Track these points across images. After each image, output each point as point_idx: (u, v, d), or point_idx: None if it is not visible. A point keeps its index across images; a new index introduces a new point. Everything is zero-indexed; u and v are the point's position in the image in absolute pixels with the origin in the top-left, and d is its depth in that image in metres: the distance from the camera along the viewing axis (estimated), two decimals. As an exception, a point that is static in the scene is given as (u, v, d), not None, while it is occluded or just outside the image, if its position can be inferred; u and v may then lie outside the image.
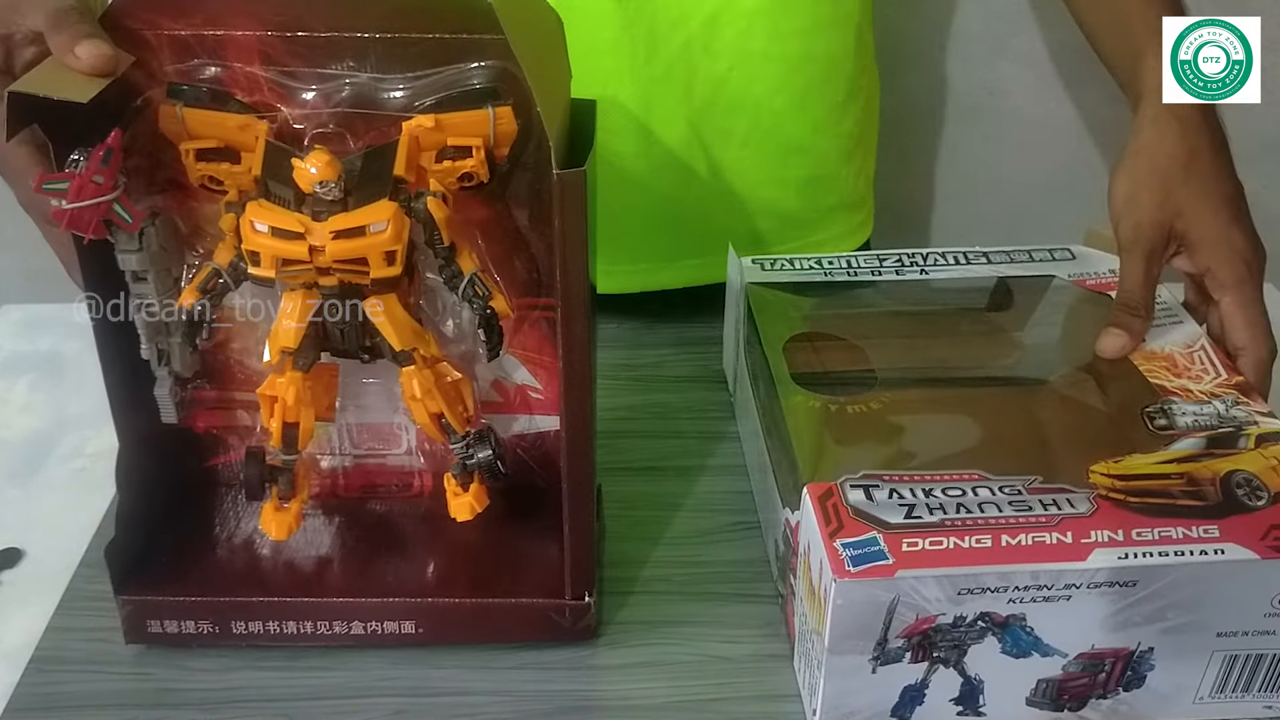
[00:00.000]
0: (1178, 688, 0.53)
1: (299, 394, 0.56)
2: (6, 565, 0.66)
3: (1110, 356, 0.63)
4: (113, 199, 0.51)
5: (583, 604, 0.58)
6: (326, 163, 0.50)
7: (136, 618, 0.58)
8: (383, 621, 0.58)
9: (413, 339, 0.55)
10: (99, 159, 0.50)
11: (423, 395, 0.56)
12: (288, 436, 0.57)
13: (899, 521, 0.51)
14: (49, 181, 0.50)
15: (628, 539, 0.66)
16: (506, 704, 0.57)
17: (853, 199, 0.90)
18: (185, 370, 0.58)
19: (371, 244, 0.51)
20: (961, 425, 0.59)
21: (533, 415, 0.63)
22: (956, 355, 0.67)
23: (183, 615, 0.58)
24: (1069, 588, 0.49)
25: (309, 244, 0.50)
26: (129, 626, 0.59)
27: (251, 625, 0.58)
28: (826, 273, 0.72)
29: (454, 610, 0.59)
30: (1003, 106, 1.29)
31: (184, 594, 0.58)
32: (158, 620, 0.58)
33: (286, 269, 0.52)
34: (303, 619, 0.58)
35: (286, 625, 0.58)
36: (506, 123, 0.53)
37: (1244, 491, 0.53)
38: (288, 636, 0.58)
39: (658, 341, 0.85)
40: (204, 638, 0.59)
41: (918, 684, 0.52)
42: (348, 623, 0.58)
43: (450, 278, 0.55)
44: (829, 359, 0.66)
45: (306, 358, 0.56)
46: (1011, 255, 0.73)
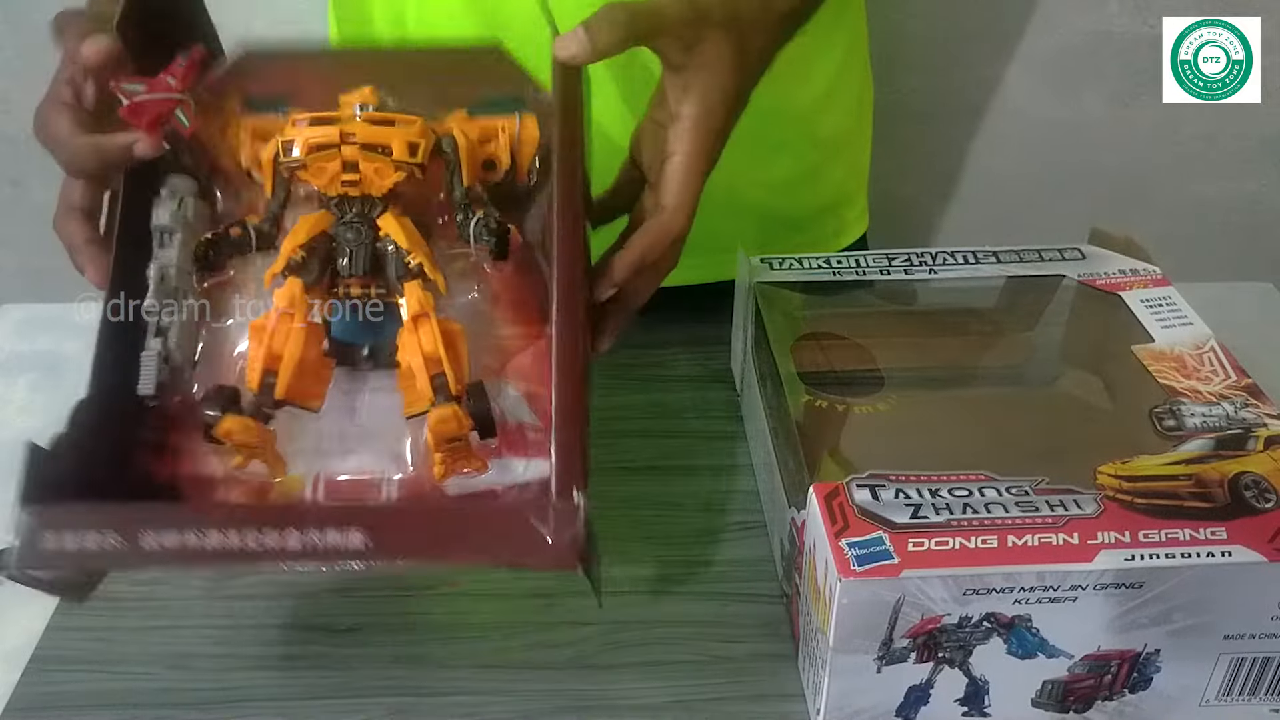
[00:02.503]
0: (1184, 690, 0.53)
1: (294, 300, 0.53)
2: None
3: (564, 57, 0.54)
4: (179, 99, 0.54)
5: (570, 505, 0.48)
6: (371, 90, 0.56)
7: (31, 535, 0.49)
8: (324, 529, 0.48)
9: (421, 252, 0.55)
10: (177, 63, 0.55)
11: (425, 308, 0.54)
12: (265, 381, 0.53)
13: (905, 521, 0.51)
14: (127, 82, 0.53)
15: (629, 539, 0.66)
16: (506, 704, 0.56)
17: (841, 197, 0.90)
18: (179, 353, 0.55)
19: (399, 132, 0.55)
20: (969, 426, 0.59)
21: (529, 458, 0.56)
22: (964, 355, 0.67)
23: (84, 525, 0.48)
24: (1075, 589, 0.49)
25: (340, 129, 0.54)
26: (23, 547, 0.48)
27: (165, 537, 0.48)
28: (835, 272, 0.72)
29: (410, 516, 0.51)
30: (1003, 106, 1.30)
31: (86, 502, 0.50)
32: (55, 532, 0.48)
33: (316, 154, 0.54)
34: (226, 528, 0.48)
35: (207, 536, 0.48)
36: (530, 129, 0.57)
37: (1252, 493, 0.53)
38: (208, 554, 0.48)
39: (664, 341, 0.85)
40: (106, 555, 0.48)
41: (923, 684, 0.52)
42: (281, 531, 0.48)
43: (464, 219, 0.56)
44: (836, 359, 0.65)
45: (311, 272, 0.55)
46: (1021, 255, 0.73)
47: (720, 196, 0.83)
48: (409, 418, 0.54)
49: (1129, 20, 1.23)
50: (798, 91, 0.82)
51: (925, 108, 1.29)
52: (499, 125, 0.58)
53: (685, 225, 0.56)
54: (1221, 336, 0.64)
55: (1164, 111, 1.27)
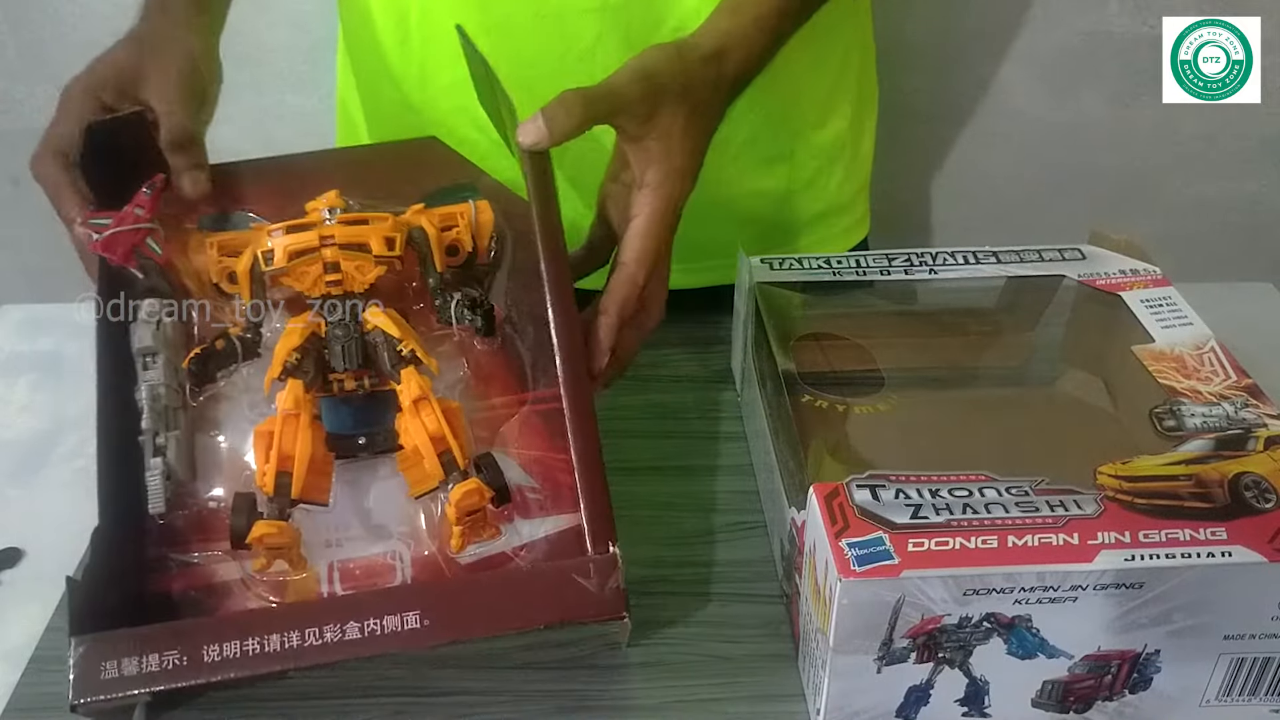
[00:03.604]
0: (1184, 690, 0.53)
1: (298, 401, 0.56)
2: (6, 565, 0.65)
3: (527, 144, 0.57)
4: (148, 229, 0.58)
5: (608, 556, 0.53)
6: (335, 194, 0.61)
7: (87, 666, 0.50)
8: (382, 618, 0.51)
9: (411, 339, 0.57)
10: (142, 194, 0.59)
11: (425, 392, 0.57)
12: (280, 483, 0.55)
13: (905, 521, 0.51)
14: (94, 217, 0.58)
15: (629, 539, 0.66)
16: (506, 704, 0.56)
17: (839, 203, 0.90)
18: (180, 470, 0.57)
19: (374, 229, 0.59)
20: (969, 426, 0.59)
21: (530, 518, 0.58)
22: (965, 356, 0.67)
23: (143, 649, 0.50)
24: (1075, 589, 0.49)
25: (319, 233, 0.58)
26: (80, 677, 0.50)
27: (227, 648, 0.50)
28: (835, 272, 0.72)
29: (464, 593, 0.54)
30: (1003, 107, 1.30)
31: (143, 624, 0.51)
32: (114, 661, 0.49)
33: (297, 260, 0.58)
34: (288, 629, 0.51)
35: (269, 641, 0.50)
36: (485, 213, 0.62)
37: (1252, 494, 0.53)
38: (271, 655, 0.50)
39: (664, 341, 0.84)
40: (169, 674, 0.50)
41: (923, 684, 0.52)
42: (341, 625, 0.51)
43: (443, 303, 0.60)
44: (837, 359, 0.65)
45: (307, 372, 0.57)
46: (1021, 255, 0.73)
47: (719, 204, 0.83)
48: (417, 497, 0.57)
49: (1129, 20, 1.23)
50: (796, 101, 0.82)
51: (925, 108, 1.29)
52: (457, 212, 0.62)
53: (647, 278, 0.60)
54: (1221, 336, 0.64)
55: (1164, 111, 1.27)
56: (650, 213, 0.59)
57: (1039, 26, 1.24)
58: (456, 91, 0.79)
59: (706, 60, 0.61)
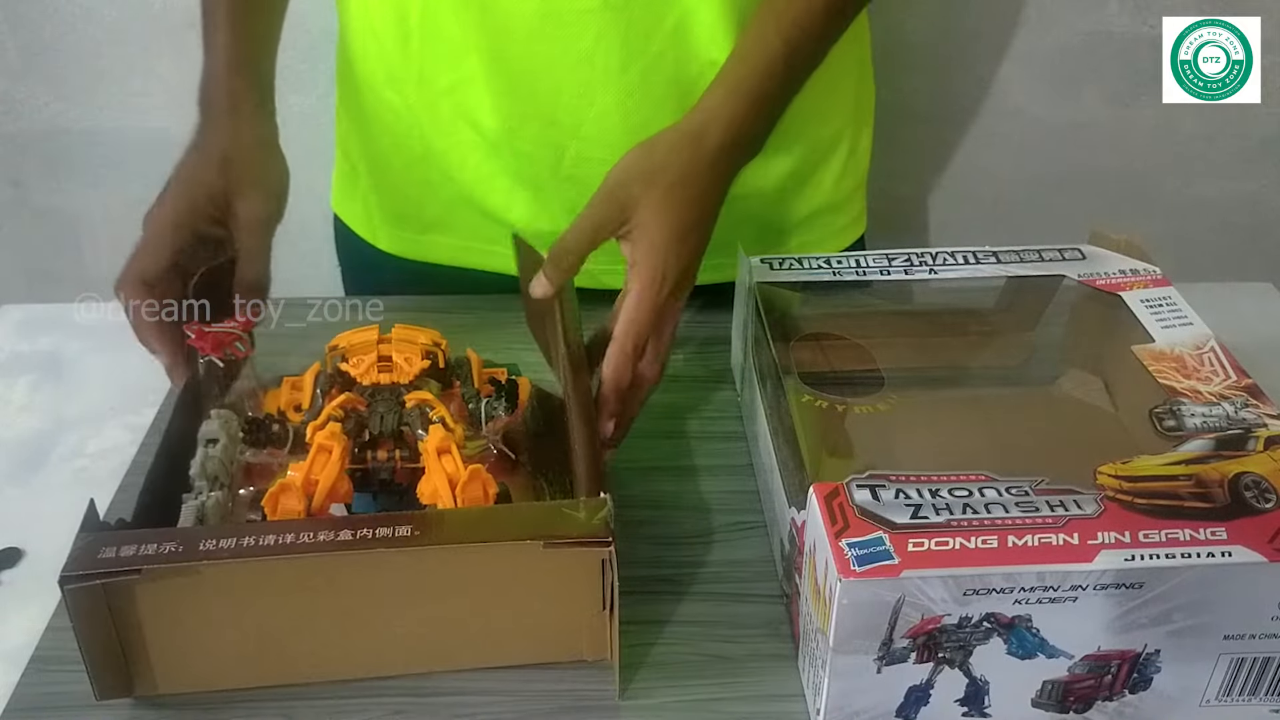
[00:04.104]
0: (1184, 690, 0.53)
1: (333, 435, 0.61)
2: (6, 565, 0.65)
3: (537, 296, 0.66)
4: (239, 334, 0.66)
5: (598, 498, 0.55)
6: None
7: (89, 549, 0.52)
8: (375, 527, 0.53)
9: (441, 409, 0.63)
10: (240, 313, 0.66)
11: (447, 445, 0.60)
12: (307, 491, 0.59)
13: (905, 521, 0.51)
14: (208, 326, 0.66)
15: (629, 539, 0.66)
16: (506, 704, 0.56)
17: (835, 201, 0.90)
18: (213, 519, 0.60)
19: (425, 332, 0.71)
20: (969, 426, 0.59)
21: None
22: (964, 356, 0.67)
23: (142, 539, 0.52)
24: (1075, 589, 0.49)
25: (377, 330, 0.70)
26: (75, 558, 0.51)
27: (224, 542, 0.52)
28: (835, 272, 0.72)
29: (455, 514, 0.57)
30: (1003, 107, 1.30)
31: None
32: (113, 548, 0.52)
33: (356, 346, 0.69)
34: (284, 532, 0.53)
35: (265, 538, 0.52)
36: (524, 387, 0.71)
37: (1252, 494, 0.53)
38: (265, 548, 0.52)
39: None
40: (165, 557, 0.51)
41: (923, 684, 0.52)
42: (335, 531, 0.53)
43: (475, 406, 0.68)
44: (837, 359, 0.66)
45: (349, 425, 0.63)
46: (1021, 255, 0.73)
47: None
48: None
49: (1129, 20, 1.23)
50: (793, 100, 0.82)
51: (925, 108, 1.29)
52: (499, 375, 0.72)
53: (636, 346, 0.64)
54: (1221, 336, 0.64)
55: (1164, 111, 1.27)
56: (637, 289, 0.64)
57: (1039, 26, 1.24)
58: (456, 93, 0.79)
59: (677, 145, 0.66)
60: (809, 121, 0.84)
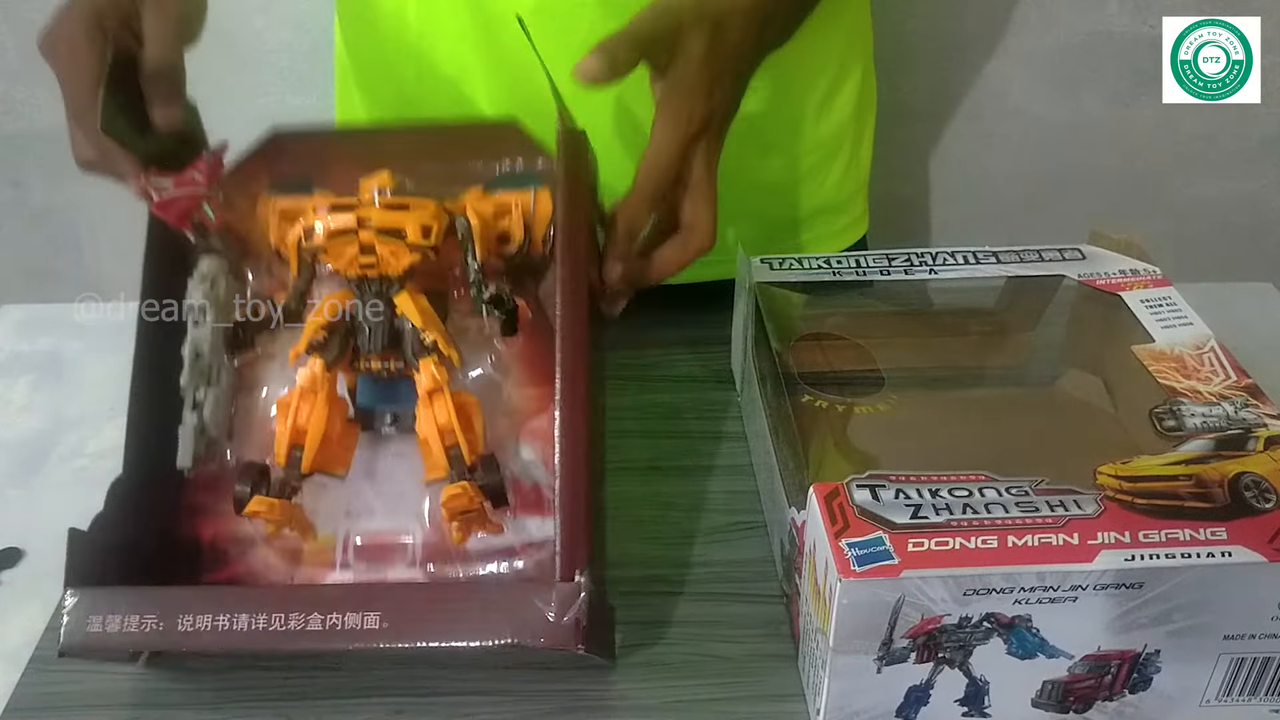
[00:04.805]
0: (1184, 690, 0.53)
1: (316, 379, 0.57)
2: (6, 565, 0.65)
3: (580, 77, 0.59)
4: (204, 196, 0.58)
5: (572, 585, 0.51)
6: (387, 174, 0.60)
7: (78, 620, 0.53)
8: (345, 614, 0.52)
9: (435, 329, 0.58)
10: (204, 159, 0.59)
11: (439, 384, 0.57)
12: (292, 455, 0.57)
13: (905, 521, 0.51)
14: (157, 177, 0.57)
15: (628, 539, 0.66)
16: (506, 704, 0.56)
17: (838, 200, 0.90)
18: (214, 426, 0.59)
19: (413, 216, 0.58)
20: (969, 426, 0.59)
21: (544, 517, 0.59)
22: (965, 356, 0.67)
23: (126, 610, 0.53)
24: (1075, 589, 0.49)
25: (357, 214, 0.57)
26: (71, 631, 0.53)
27: (200, 620, 0.52)
28: (835, 272, 0.72)
29: (423, 599, 0.54)
30: (1002, 106, 1.30)
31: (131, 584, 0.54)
32: (100, 616, 0.53)
33: (335, 238, 0.58)
34: (257, 611, 0.53)
35: (237, 620, 0.52)
36: (544, 204, 0.61)
37: (1252, 494, 0.53)
38: (238, 636, 0.52)
39: (664, 341, 0.85)
40: (146, 638, 0.53)
41: (923, 684, 0.52)
42: (304, 615, 0.52)
43: (476, 294, 0.59)
44: (837, 359, 0.65)
45: (332, 350, 0.58)
46: (1021, 255, 0.73)
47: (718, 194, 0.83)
48: (429, 483, 0.58)
49: (1129, 20, 1.23)
50: (794, 93, 0.82)
51: (925, 108, 1.29)
52: (513, 201, 0.61)
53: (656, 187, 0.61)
54: (1221, 336, 0.64)
55: (1164, 111, 1.27)
56: (660, 127, 0.60)
57: (1039, 26, 1.24)
58: (455, 85, 0.79)
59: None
60: (814, 116, 0.84)
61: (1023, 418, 0.60)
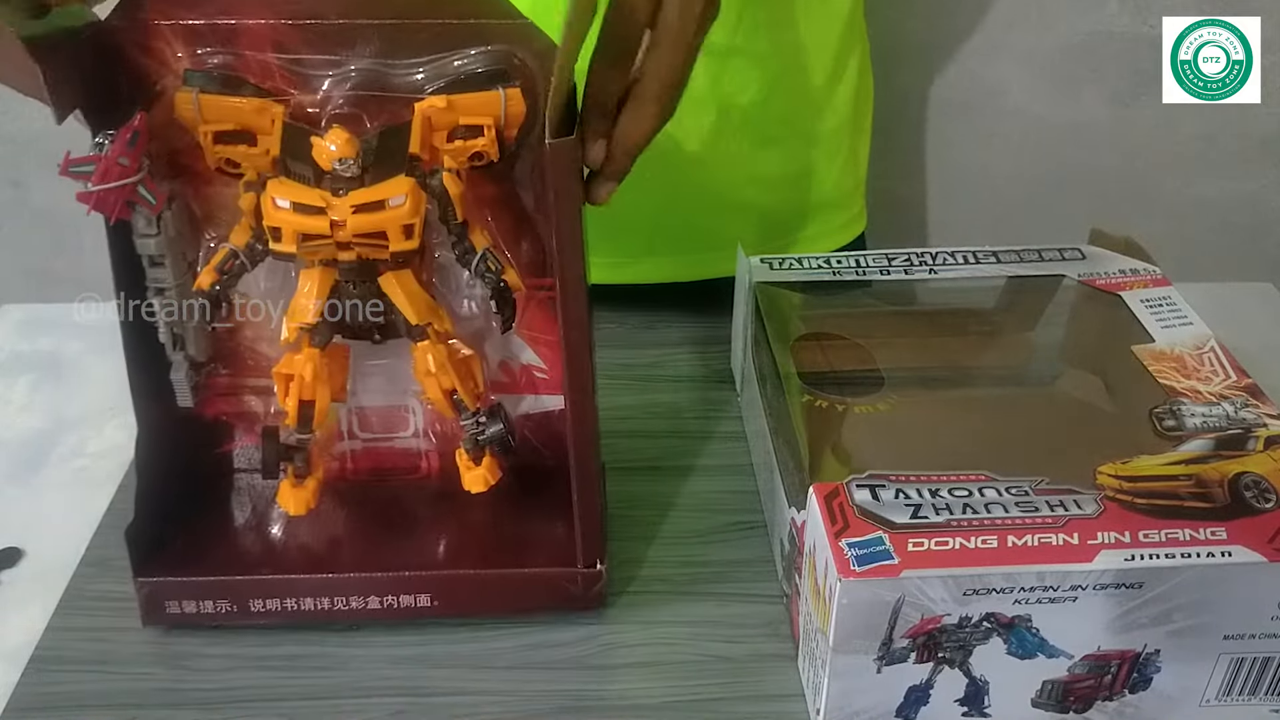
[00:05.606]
0: (1184, 690, 0.53)
1: (316, 370, 0.57)
2: (6, 565, 0.65)
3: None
4: (137, 181, 0.52)
5: (594, 572, 0.60)
6: (345, 140, 0.52)
7: (154, 599, 0.59)
8: (398, 595, 0.60)
9: (427, 314, 0.57)
10: (125, 141, 0.52)
11: (437, 370, 0.57)
12: (303, 415, 0.57)
13: (905, 521, 0.51)
14: (75, 164, 0.51)
15: (628, 539, 0.66)
16: (506, 704, 0.56)
17: (837, 196, 0.90)
18: (200, 354, 0.59)
19: (391, 218, 0.53)
20: (969, 426, 0.59)
21: (538, 395, 0.64)
22: (964, 355, 0.67)
23: (201, 595, 0.59)
24: (1075, 589, 0.49)
25: (330, 218, 0.52)
26: (147, 608, 0.59)
27: (269, 603, 0.59)
28: (835, 272, 0.72)
29: (468, 581, 0.60)
30: (1001, 106, 1.29)
31: (201, 574, 0.59)
32: (176, 601, 0.59)
33: (307, 244, 0.53)
34: (319, 595, 0.59)
35: (304, 602, 0.59)
36: (516, 104, 0.54)
37: (1252, 494, 0.53)
38: (305, 613, 0.59)
39: (664, 341, 0.85)
40: (222, 616, 0.59)
41: (923, 684, 0.52)
42: (364, 598, 0.59)
43: (463, 254, 0.56)
44: (836, 359, 0.65)
45: (323, 335, 0.57)
46: (1021, 255, 0.73)
47: (714, 193, 0.83)
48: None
49: (1129, 20, 1.23)
50: (791, 87, 0.82)
51: (925, 107, 1.29)
52: (484, 122, 0.54)
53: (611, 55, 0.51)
54: (1221, 336, 0.64)
55: (1164, 111, 1.27)
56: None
57: (1039, 26, 1.24)
58: None
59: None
60: (812, 113, 0.84)
61: (1023, 418, 0.60)
